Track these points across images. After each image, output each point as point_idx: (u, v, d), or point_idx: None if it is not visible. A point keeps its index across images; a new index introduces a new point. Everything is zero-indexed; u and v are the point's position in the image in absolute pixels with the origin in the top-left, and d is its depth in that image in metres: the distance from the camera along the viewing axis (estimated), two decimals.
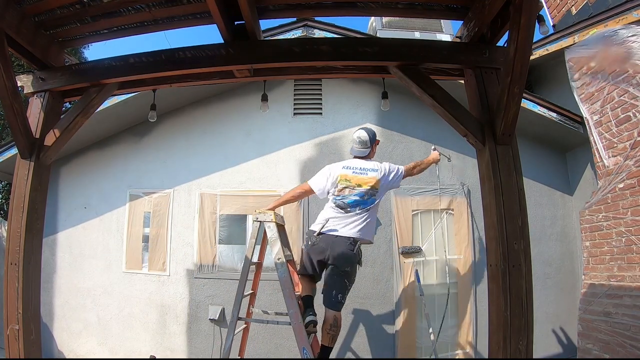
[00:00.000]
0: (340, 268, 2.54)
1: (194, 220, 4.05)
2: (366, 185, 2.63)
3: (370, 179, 2.65)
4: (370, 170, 2.69)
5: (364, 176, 2.67)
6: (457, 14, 2.29)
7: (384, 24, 5.57)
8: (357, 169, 2.71)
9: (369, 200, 2.62)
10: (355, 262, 2.59)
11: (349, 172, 2.71)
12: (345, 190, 2.66)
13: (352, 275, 2.61)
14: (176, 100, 4.14)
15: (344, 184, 2.67)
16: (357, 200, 2.62)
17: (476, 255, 3.88)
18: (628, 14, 3.16)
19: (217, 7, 1.94)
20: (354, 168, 2.73)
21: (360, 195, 2.62)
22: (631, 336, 2.84)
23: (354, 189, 2.64)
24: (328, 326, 2.52)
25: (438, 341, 3.66)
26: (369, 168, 2.71)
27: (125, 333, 3.98)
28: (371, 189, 2.63)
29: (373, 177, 2.66)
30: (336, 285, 2.55)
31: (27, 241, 2.16)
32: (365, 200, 2.62)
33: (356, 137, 2.81)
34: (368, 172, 2.68)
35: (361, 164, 2.75)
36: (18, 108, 2.16)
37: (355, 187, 2.64)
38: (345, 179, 2.68)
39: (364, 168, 2.71)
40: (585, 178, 4.02)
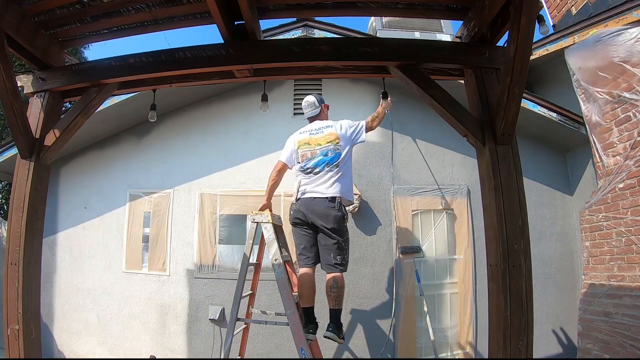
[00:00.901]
0: (328, 227, 2.57)
1: (194, 220, 4.05)
2: (325, 142, 2.73)
3: (328, 135, 2.76)
4: (325, 127, 2.81)
5: (321, 134, 2.78)
6: (457, 14, 2.28)
7: (384, 24, 5.57)
8: (314, 130, 2.83)
9: (334, 156, 2.69)
10: (341, 220, 2.61)
11: (306, 135, 2.83)
12: (307, 154, 2.75)
13: (344, 233, 2.65)
14: (176, 100, 4.14)
15: (304, 149, 2.77)
16: (322, 159, 2.69)
17: (476, 255, 3.88)
18: (628, 14, 3.16)
19: (217, 7, 1.94)
20: (310, 130, 2.85)
21: (323, 153, 2.70)
22: (631, 336, 2.84)
23: (315, 150, 2.74)
24: (328, 288, 2.57)
25: (438, 341, 3.67)
26: (322, 126, 2.83)
27: (125, 333, 3.98)
28: (332, 144, 2.72)
29: (330, 133, 2.76)
30: (332, 248, 2.58)
31: (27, 241, 2.15)
32: (330, 157, 2.69)
33: (304, 101, 2.98)
34: (324, 130, 2.80)
35: (316, 125, 2.86)
36: (18, 108, 2.16)
37: (315, 148, 2.74)
38: (304, 142, 2.80)
39: (319, 127, 2.83)
40: (585, 178, 4.02)
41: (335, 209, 2.58)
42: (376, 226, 3.94)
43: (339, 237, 2.59)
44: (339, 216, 2.58)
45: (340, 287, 2.58)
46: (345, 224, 2.66)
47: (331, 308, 2.61)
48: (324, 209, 2.58)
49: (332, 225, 2.57)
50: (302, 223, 2.69)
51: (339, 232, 2.60)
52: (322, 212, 2.58)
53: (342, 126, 2.79)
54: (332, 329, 2.55)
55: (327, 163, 2.66)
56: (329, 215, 2.57)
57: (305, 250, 2.69)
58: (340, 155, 2.69)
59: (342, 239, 2.62)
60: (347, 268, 2.67)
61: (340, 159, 2.68)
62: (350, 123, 2.83)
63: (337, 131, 2.75)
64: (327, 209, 2.57)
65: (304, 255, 2.70)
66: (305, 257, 2.69)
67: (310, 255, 2.69)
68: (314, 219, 2.61)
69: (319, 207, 2.59)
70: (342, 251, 2.60)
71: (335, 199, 2.60)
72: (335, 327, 2.57)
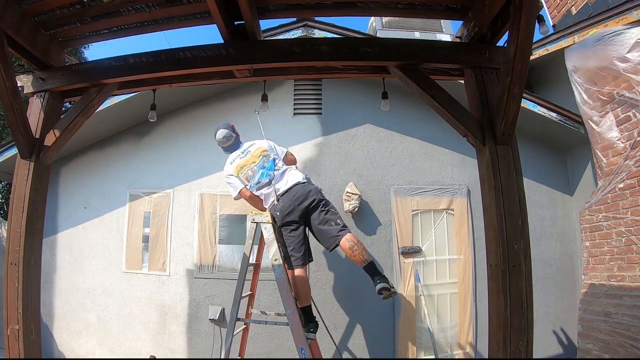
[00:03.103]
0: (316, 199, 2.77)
1: (194, 220, 4.05)
2: (257, 157, 2.93)
3: (255, 150, 2.98)
4: (248, 147, 3.03)
5: (250, 154, 2.98)
6: (457, 14, 2.29)
7: (384, 24, 5.57)
8: (241, 154, 3.01)
9: (270, 164, 2.90)
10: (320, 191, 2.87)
11: (238, 161, 2.99)
12: (249, 174, 2.92)
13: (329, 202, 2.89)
14: (176, 100, 4.14)
15: (243, 172, 2.94)
16: (264, 172, 2.87)
17: (476, 255, 3.88)
18: (628, 14, 3.16)
19: (217, 7, 1.94)
20: (238, 156, 3.02)
21: (261, 167, 2.89)
22: (631, 336, 2.84)
23: (252, 167, 2.91)
24: (350, 252, 2.66)
25: (438, 341, 3.67)
26: (246, 148, 3.04)
27: (125, 333, 3.98)
28: (263, 155, 2.93)
29: (257, 148, 2.99)
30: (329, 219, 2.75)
31: (27, 241, 2.15)
32: (268, 167, 2.88)
33: (218, 138, 3.09)
34: (249, 149, 3.01)
35: (239, 151, 3.04)
36: (18, 108, 2.16)
37: (251, 166, 2.92)
38: (239, 167, 2.96)
39: (244, 150, 3.03)
40: (585, 178, 4.02)
41: (310, 184, 2.86)
42: (376, 226, 3.94)
43: (327, 206, 2.81)
44: (316, 188, 2.87)
45: (358, 243, 2.70)
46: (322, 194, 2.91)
47: (365, 266, 2.65)
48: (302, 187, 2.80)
49: (318, 197, 2.79)
50: (290, 222, 2.75)
51: (324, 201, 2.83)
52: (304, 191, 2.78)
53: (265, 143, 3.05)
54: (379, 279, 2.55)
55: (270, 170, 2.87)
56: (310, 190, 2.79)
57: (294, 251, 2.73)
58: (276, 159, 2.94)
59: (330, 205, 2.85)
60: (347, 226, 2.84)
61: (278, 162, 2.93)
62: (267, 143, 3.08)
63: (263, 145, 3.00)
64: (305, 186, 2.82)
65: (294, 257, 2.74)
66: (295, 258, 2.73)
67: (299, 255, 2.74)
68: (301, 204, 2.75)
69: (299, 190, 2.78)
70: (336, 216, 2.80)
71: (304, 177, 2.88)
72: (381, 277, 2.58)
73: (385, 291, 2.48)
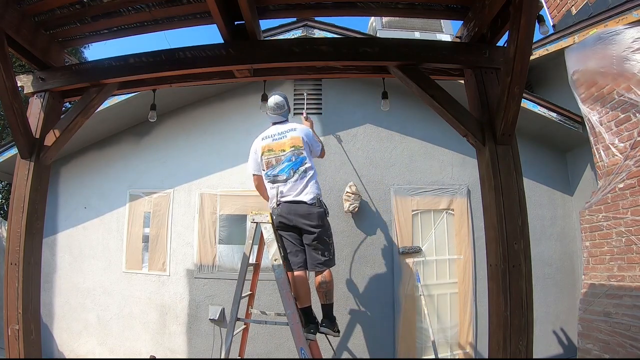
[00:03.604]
0: (312, 225, 2.61)
1: (194, 220, 4.05)
2: (289, 147, 2.71)
3: (291, 139, 2.74)
4: (288, 131, 2.78)
5: (285, 139, 2.75)
6: (457, 14, 2.29)
7: (384, 24, 5.57)
8: (276, 135, 2.79)
9: (298, 161, 2.70)
10: (323, 216, 2.68)
11: (270, 141, 2.78)
12: (272, 161, 2.74)
13: (327, 229, 2.70)
14: (176, 100, 4.14)
15: (268, 155, 2.75)
16: (287, 166, 2.69)
17: (476, 255, 3.88)
18: (628, 14, 3.16)
19: (217, 7, 1.94)
20: (272, 136, 2.80)
21: (288, 159, 2.70)
22: (631, 336, 2.84)
23: (279, 156, 2.72)
24: (318, 285, 2.64)
25: (438, 341, 3.67)
26: (286, 130, 2.79)
27: (125, 333, 3.98)
28: (296, 149, 2.71)
29: (293, 137, 2.74)
30: (317, 245, 2.63)
31: (27, 241, 2.15)
32: (295, 162, 2.69)
33: (272, 102, 2.84)
34: (287, 134, 2.76)
35: (278, 129, 2.82)
36: (18, 108, 2.16)
37: (280, 154, 2.72)
38: (268, 149, 2.77)
39: (282, 132, 2.78)
40: (585, 178, 4.02)
41: (317, 206, 2.66)
42: (376, 226, 3.94)
43: (322, 234, 2.65)
44: (320, 212, 2.66)
45: (329, 282, 2.66)
46: (326, 219, 2.73)
47: (323, 304, 2.68)
48: (306, 208, 2.64)
49: (317, 222, 2.63)
50: (286, 227, 2.70)
51: (322, 227, 2.66)
52: (305, 211, 2.63)
53: (304, 130, 2.82)
54: (326, 324, 2.64)
55: (293, 168, 2.70)
56: (312, 213, 2.63)
57: (292, 255, 2.72)
58: (304, 159, 2.73)
59: (326, 234, 2.69)
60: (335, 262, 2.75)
61: (306, 163, 2.72)
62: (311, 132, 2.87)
63: (299, 134, 2.76)
64: (310, 208, 2.64)
65: (292, 260, 2.72)
66: (293, 261, 2.71)
67: (297, 259, 2.71)
68: (297, 220, 2.64)
69: (301, 209, 2.64)
70: (327, 247, 2.67)
71: (314, 198, 2.66)
72: (330, 322, 2.65)
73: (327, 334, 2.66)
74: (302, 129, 2.83)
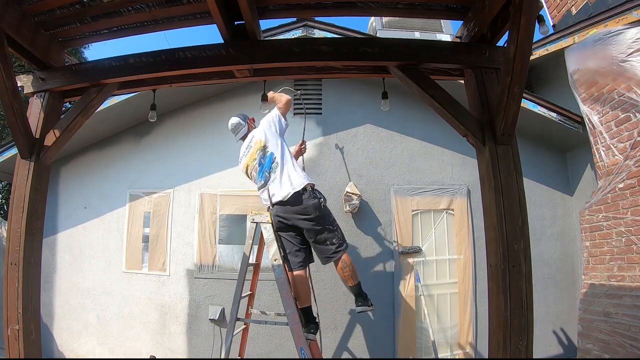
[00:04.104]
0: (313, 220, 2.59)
1: (194, 220, 4.05)
2: (257, 153, 2.79)
3: (255, 144, 2.82)
4: (250, 142, 2.88)
5: (251, 150, 2.85)
6: (457, 14, 2.28)
7: (384, 24, 5.57)
8: (245, 151, 2.91)
9: (267, 161, 2.74)
10: (319, 206, 2.62)
11: (244, 160, 2.91)
12: (252, 174, 2.85)
13: (328, 217, 2.68)
14: (176, 100, 4.14)
15: (250, 172, 2.88)
16: (261, 170, 2.76)
17: (476, 255, 3.88)
18: (628, 14, 3.16)
19: (217, 7, 1.94)
20: (243, 154, 2.93)
21: (259, 164, 2.77)
22: (631, 336, 2.84)
23: (254, 166, 2.81)
24: (340, 271, 2.66)
25: (438, 341, 3.67)
26: (248, 142, 2.90)
27: (125, 333, 3.98)
28: (261, 152, 2.78)
29: (255, 142, 2.82)
30: (324, 238, 2.61)
31: (27, 241, 2.15)
32: (265, 164, 2.74)
33: (229, 125, 3.02)
34: (250, 144, 2.86)
35: (244, 145, 2.93)
36: (18, 108, 2.16)
37: (254, 164, 2.81)
38: (245, 166, 2.91)
39: (247, 145, 2.90)
40: (585, 178, 4.02)
41: (310, 198, 2.60)
42: (376, 226, 3.94)
43: (323, 224, 2.61)
44: (315, 203, 2.60)
45: (350, 265, 2.65)
46: (324, 207, 2.66)
47: (351, 285, 2.70)
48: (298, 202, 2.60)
49: (314, 214, 2.58)
50: (286, 227, 2.69)
51: (322, 218, 2.62)
52: (300, 207, 2.60)
53: (261, 130, 2.85)
54: (361, 302, 2.67)
55: (268, 169, 2.72)
56: (307, 207, 2.58)
57: (291, 255, 2.71)
58: (272, 154, 2.74)
59: (328, 222, 2.65)
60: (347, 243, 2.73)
61: (276, 158, 2.73)
62: (265, 121, 2.89)
63: (260, 137, 2.80)
64: (303, 200, 2.59)
65: (291, 261, 2.71)
66: (293, 261, 2.71)
67: (297, 260, 2.70)
68: (293, 218, 2.62)
69: (294, 204, 2.61)
70: (333, 234, 2.64)
71: (303, 189, 2.62)
72: (363, 299, 2.68)
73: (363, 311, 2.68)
74: (259, 129, 2.87)
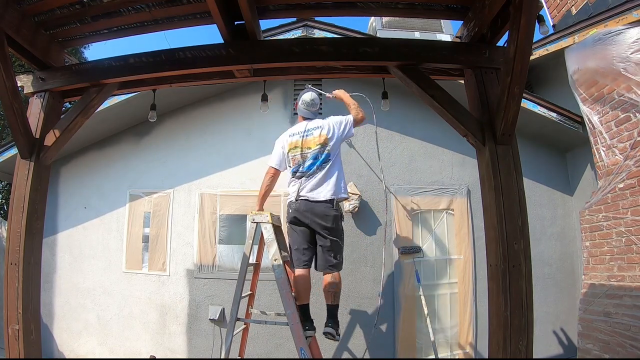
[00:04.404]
0: (327, 226, 2.61)
1: (194, 220, 4.05)
2: (315, 145, 2.73)
3: (317, 137, 2.75)
4: (313, 129, 2.79)
5: (311, 137, 2.77)
6: (457, 14, 2.28)
7: (384, 24, 5.57)
8: (303, 132, 2.81)
9: (324, 158, 2.70)
10: (338, 220, 2.67)
11: (297, 138, 2.81)
12: (298, 158, 2.75)
13: (341, 232, 2.70)
14: (176, 100, 4.14)
15: (295, 152, 2.77)
16: (312, 163, 2.71)
17: (476, 255, 3.88)
18: (628, 14, 3.16)
19: (217, 7, 1.94)
20: (299, 133, 2.82)
21: (313, 157, 2.71)
22: (631, 336, 2.84)
23: (305, 153, 2.73)
24: (328, 286, 2.64)
25: (438, 341, 3.67)
26: (312, 128, 2.80)
27: (125, 333, 3.98)
28: (321, 147, 2.72)
29: (320, 135, 2.75)
30: (330, 248, 2.62)
31: (27, 241, 2.15)
32: (320, 159, 2.70)
33: (309, 98, 2.89)
34: (313, 132, 2.78)
35: (304, 126, 2.83)
36: (18, 108, 2.16)
37: (306, 152, 2.73)
38: (294, 146, 2.79)
39: (308, 129, 2.80)
40: (585, 178, 4.02)
41: (333, 209, 2.64)
42: (376, 226, 3.94)
43: (337, 237, 2.66)
44: (336, 216, 2.66)
45: (338, 284, 2.66)
46: (341, 223, 2.72)
47: (329, 304, 2.66)
48: (323, 209, 2.63)
49: (331, 225, 2.62)
50: (300, 223, 2.70)
51: (336, 231, 2.66)
52: (322, 212, 2.63)
53: (330, 125, 2.80)
54: (332, 324, 2.62)
55: (318, 166, 2.70)
56: (328, 215, 2.62)
57: (298, 252, 2.69)
58: (330, 155, 2.72)
59: (339, 237, 2.69)
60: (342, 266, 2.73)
61: (330, 160, 2.71)
62: (337, 120, 2.85)
63: (326, 132, 2.77)
64: (326, 209, 2.63)
65: (297, 257, 2.69)
66: (298, 258, 2.69)
67: (303, 258, 2.69)
68: (313, 219, 2.63)
69: (319, 208, 2.63)
70: (339, 250, 2.67)
71: (332, 201, 2.65)
72: (334, 323, 2.64)
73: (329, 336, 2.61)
74: (329, 124, 2.80)
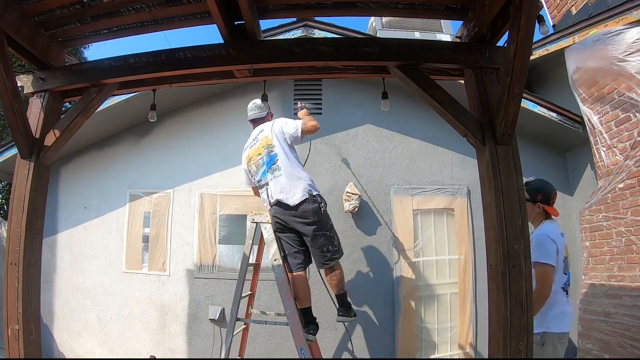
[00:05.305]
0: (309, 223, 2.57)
1: (194, 220, 4.05)
2: (263, 149, 2.75)
3: (262, 140, 2.78)
4: (259, 134, 2.84)
5: (257, 143, 2.80)
6: (457, 14, 2.28)
7: (384, 24, 5.57)
8: (252, 142, 2.87)
9: (271, 160, 2.70)
10: (319, 211, 2.58)
11: (248, 151, 2.86)
12: (253, 169, 2.81)
13: (326, 223, 2.64)
14: (176, 100, 4.14)
15: (250, 165, 2.83)
16: (265, 169, 2.72)
17: (476, 255, 3.88)
18: (628, 14, 3.16)
19: (217, 7, 1.94)
20: (249, 145, 2.89)
21: (264, 163, 2.73)
22: (631, 336, 2.84)
23: (258, 161, 2.77)
24: (328, 278, 2.67)
25: (438, 341, 3.67)
26: (257, 133, 2.86)
27: (125, 333, 3.98)
28: (267, 148, 2.73)
29: (263, 138, 2.78)
30: (321, 244, 2.59)
31: (27, 241, 2.15)
32: (268, 161, 2.71)
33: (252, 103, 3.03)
34: (258, 137, 2.82)
35: (253, 134, 2.89)
36: (18, 108, 2.15)
37: (258, 159, 2.77)
38: (249, 159, 2.85)
39: (255, 137, 2.86)
40: (585, 178, 4.02)
41: (310, 202, 2.58)
42: (376, 226, 3.94)
43: (323, 230, 2.60)
44: (315, 208, 2.58)
45: (339, 273, 2.66)
46: (324, 212, 2.64)
47: (336, 294, 2.70)
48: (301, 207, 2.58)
49: (312, 219, 2.57)
50: (284, 228, 2.69)
51: (320, 224, 2.59)
52: (300, 211, 2.58)
53: (271, 125, 2.80)
54: (343, 312, 2.68)
55: (270, 169, 2.69)
56: (306, 211, 2.57)
57: (290, 257, 2.71)
58: (276, 156, 2.69)
59: (326, 228, 2.62)
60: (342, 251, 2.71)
61: (278, 160, 2.68)
62: (281, 120, 2.84)
63: (269, 133, 2.77)
64: (303, 205, 2.57)
65: (291, 262, 2.71)
66: (291, 263, 2.71)
67: (296, 261, 2.69)
68: (293, 222, 2.61)
69: (294, 209, 2.60)
70: (331, 242, 2.62)
71: (303, 196, 2.60)
72: (346, 310, 2.69)
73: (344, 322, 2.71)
74: (270, 125, 2.82)
